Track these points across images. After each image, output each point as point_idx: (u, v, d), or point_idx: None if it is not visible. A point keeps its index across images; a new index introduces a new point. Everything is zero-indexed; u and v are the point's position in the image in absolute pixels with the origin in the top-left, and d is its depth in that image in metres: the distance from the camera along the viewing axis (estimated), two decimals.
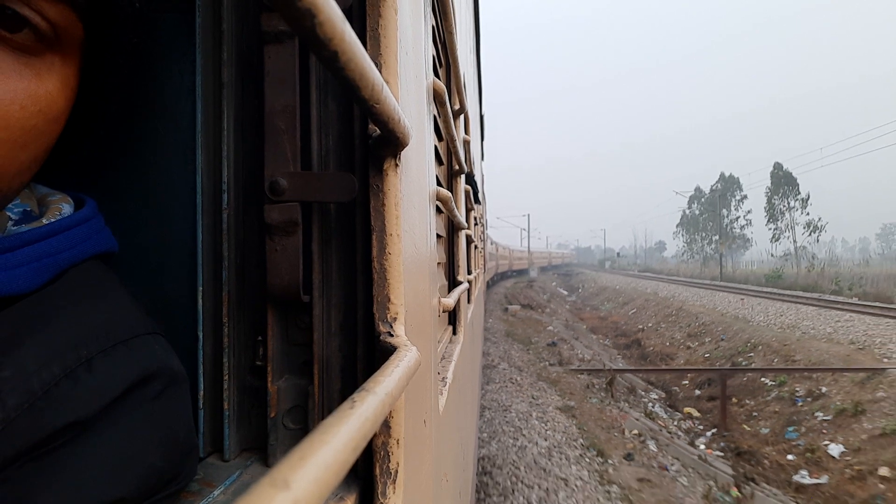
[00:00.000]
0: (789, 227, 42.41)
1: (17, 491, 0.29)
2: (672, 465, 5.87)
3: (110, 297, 0.41)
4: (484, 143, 7.47)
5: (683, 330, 15.00)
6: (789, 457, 6.52)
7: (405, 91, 0.54)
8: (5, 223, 0.39)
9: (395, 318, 0.46)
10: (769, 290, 22.43)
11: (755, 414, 8.04)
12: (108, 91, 0.55)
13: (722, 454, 6.81)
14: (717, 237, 51.70)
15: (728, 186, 53.06)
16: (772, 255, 42.95)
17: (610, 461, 5.49)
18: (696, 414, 8.48)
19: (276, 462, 0.47)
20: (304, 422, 0.49)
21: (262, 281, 0.48)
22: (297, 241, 0.47)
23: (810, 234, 39.46)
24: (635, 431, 6.75)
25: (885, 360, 8.09)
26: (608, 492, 4.73)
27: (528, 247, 50.20)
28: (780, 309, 14.40)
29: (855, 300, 16.43)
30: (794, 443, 6.86)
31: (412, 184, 0.59)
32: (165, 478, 0.38)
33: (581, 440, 5.97)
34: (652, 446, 6.33)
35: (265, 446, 0.49)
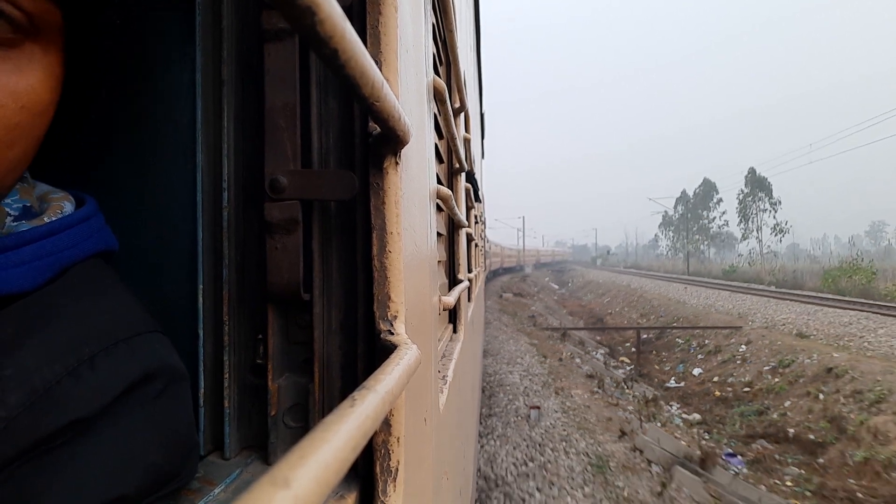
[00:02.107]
0: (758, 228, 47.56)
1: (19, 489, 0.29)
2: (586, 367, 10.45)
3: (111, 296, 0.41)
4: (484, 141, 7.50)
5: (638, 311, 20.23)
6: (672, 378, 11.03)
7: (405, 89, 0.54)
8: (4, 219, 0.39)
9: (395, 317, 0.46)
10: (716, 281, 28.13)
11: (665, 360, 12.73)
12: (108, 89, 0.55)
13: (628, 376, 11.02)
14: (696, 236, 58.49)
15: (708, 191, 59.25)
16: (739, 255, 48.07)
17: (548, 359, 10.57)
18: (627, 361, 12.75)
19: (276, 460, 0.47)
20: (305, 420, 0.49)
21: (263, 279, 0.48)
22: (298, 240, 0.47)
23: (775, 235, 45.17)
24: (569, 353, 11.57)
25: (750, 321, 13.10)
26: (542, 364, 9.95)
27: (523, 246, 55.01)
28: (708, 294, 20.11)
29: (772, 288, 22.23)
30: (679, 372, 11.48)
31: (412, 182, 0.59)
32: (166, 476, 0.38)
33: (535, 352, 11.07)
34: (577, 360, 11.13)
35: (265, 444, 0.49)
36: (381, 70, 0.44)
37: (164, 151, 0.54)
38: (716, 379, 10.13)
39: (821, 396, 7.73)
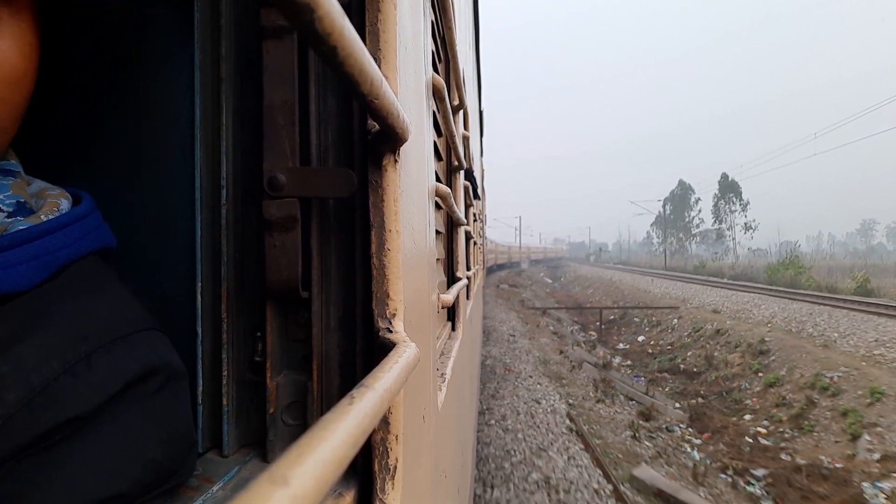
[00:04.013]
0: (730, 227, 53.35)
1: (17, 486, 0.30)
2: (558, 333, 14.93)
3: (109, 293, 0.41)
4: (483, 139, 7.50)
5: (612, 298, 25.34)
6: (621, 343, 15.27)
7: (404, 86, 0.54)
8: None
9: (394, 315, 0.46)
10: (684, 275, 32.87)
11: (624, 333, 17.04)
12: (106, 86, 0.55)
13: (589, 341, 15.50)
14: (680, 234, 65.02)
15: (685, 193, 65.71)
16: (715, 252, 54.52)
17: (528, 325, 15.06)
18: (594, 334, 16.76)
19: (274, 457, 0.47)
20: (303, 417, 0.49)
21: (261, 277, 0.48)
22: (296, 237, 0.47)
23: (745, 233, 50.75)
24: (545, 323, 16.19)
25: (689, 303, 17.69)
26: (524, 326, 14.93)
27: (519, 244, 58.81)
28: (667, 284, 25.09)
29: (725, 280, 26.77)
30: (630, 339, 15.56)
31: (411, 179, 0.59)
32: (164, 473, 0.38)
33: (520, 320, 15.72)
34: (551, 328, 15.70)
35: (264, 442, 0.49)
36: (379, 67, 0.44)
37: (163, 148, 0.54)
38: (652, 342, 14.77)
39: (707, 346, 12.33)
